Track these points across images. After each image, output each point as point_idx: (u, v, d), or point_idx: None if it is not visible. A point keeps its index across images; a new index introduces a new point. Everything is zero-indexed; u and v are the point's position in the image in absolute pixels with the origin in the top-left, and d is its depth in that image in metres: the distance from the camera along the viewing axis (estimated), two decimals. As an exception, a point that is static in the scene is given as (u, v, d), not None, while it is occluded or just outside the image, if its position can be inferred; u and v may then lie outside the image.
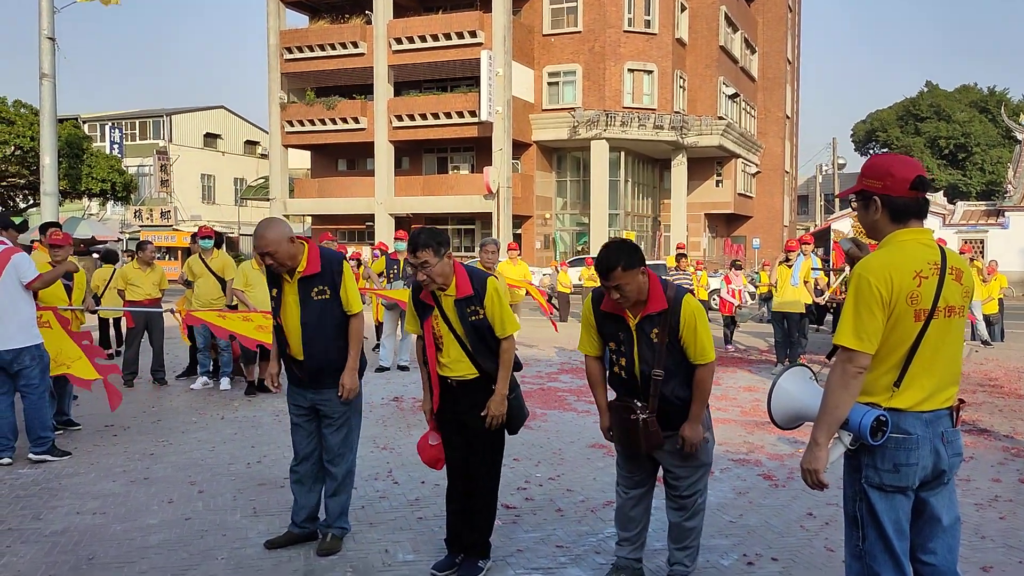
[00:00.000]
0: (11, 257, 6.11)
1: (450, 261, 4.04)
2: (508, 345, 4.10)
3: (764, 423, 7.87)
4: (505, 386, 4.08)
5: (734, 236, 47.04)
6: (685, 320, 3.70)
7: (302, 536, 4.56)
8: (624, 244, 3.72)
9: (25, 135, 30.91)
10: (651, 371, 3.74)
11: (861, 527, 2.86)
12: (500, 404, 4.07)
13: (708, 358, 3.75)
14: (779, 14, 50.97)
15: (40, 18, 15.86)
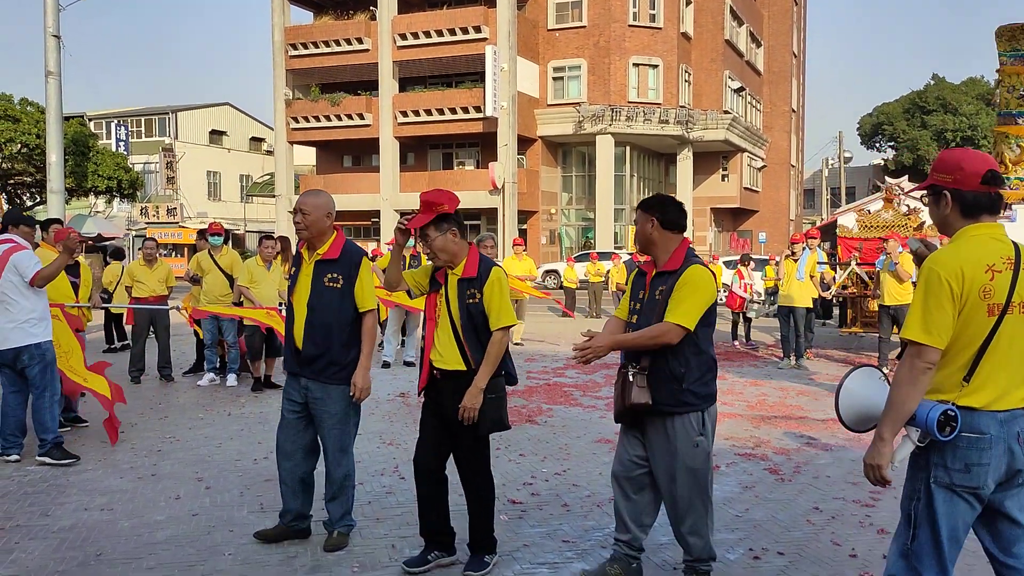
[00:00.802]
0: (11, 256, 6.07)
1: (457, 239, 4.10)
2: (498, 338, 4.03)
3: (770, 417, 7.87)
4: (484, 379, 3.99)
5: (740, 230, 46.96)
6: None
7: (291, 532, 4.54)
8: (655, 199, 3.93)
9: (31, 133, 30.98)
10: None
11: (913, 526, 2.79)
12: (474, 397, 3.97)
13: (673, 319, 3.67)
14: (785, 7, 50.81)
15: (45, 16, 15.89)
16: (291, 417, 4.50)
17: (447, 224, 4.08)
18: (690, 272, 3.72)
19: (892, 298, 10.73)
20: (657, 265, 3.86)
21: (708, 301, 3.72)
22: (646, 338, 3.68)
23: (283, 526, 4.56)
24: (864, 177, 62.97)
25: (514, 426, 7.41)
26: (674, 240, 3.84)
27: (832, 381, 10.10)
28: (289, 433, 4.52)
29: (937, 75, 60.32)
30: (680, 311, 3.64)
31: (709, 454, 3.80)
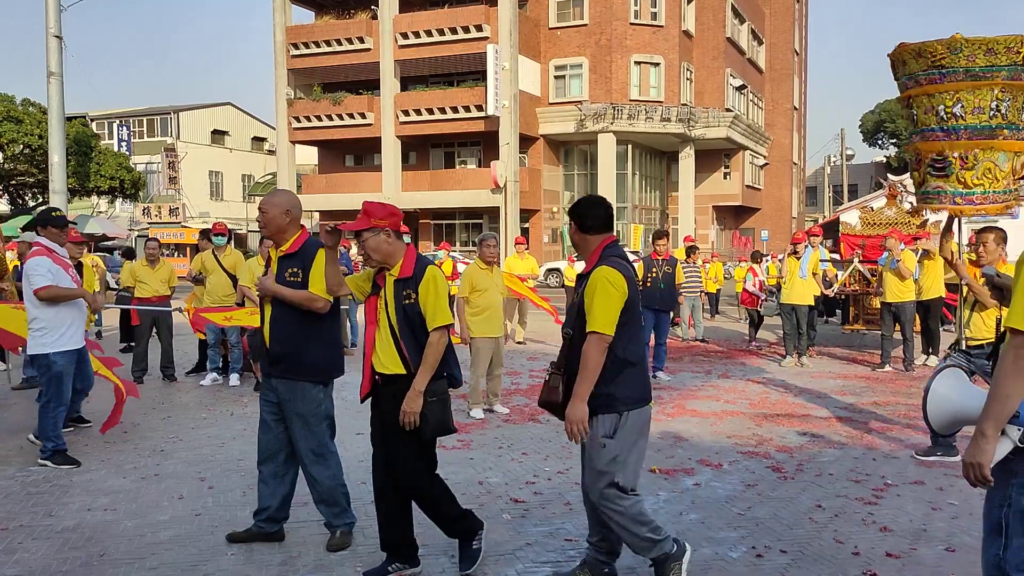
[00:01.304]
0: (26, 261, 6.00)
1: (391, 240, 3.99)
2: (435, 339, 3.91)
3: (773, 415, 7.86)
4: (423, 382, 3.87)
5: (742, 228, 46.94)
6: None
7: (261, 534, 4.50)
8: (580, 202, 3.92)
9: (33, 133, 31.05)
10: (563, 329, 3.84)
11: (1006, 535, 2.54)
12: (412, 400, 3.86)
13: (592, 327, 3.59)
14: (786, 5, 50.77)
15: (47, 16, 15.91)
16: (268, 418, 4.48)
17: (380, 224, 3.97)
18: (595, 275, 3.64)
19: (894, 295, 10.71)
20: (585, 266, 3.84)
21: (619, 301, 3.61)
22: (589, 373, 3.56)
23: (254, 525, 4.52)
24: (866, 174, 62.91)
25: (517, 425, 7.43)
26: (594, 241, 3.80)
27: (834, 379, 10.10)
28: (267, 434, 4.50)
29: (939, 72, 60.16)
30: (596, 320, 3.57)
31: (618, 459, 3.63)
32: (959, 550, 4.41)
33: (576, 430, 3.56)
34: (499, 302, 7.95)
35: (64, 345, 6.01)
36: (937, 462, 6.13)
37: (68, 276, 6.04)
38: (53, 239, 6.12)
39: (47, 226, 6.11)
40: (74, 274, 6.20)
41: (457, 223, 39.86)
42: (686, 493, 5.40)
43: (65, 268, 6.05)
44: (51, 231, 6.10)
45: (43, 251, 6.01)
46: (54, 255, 6.07)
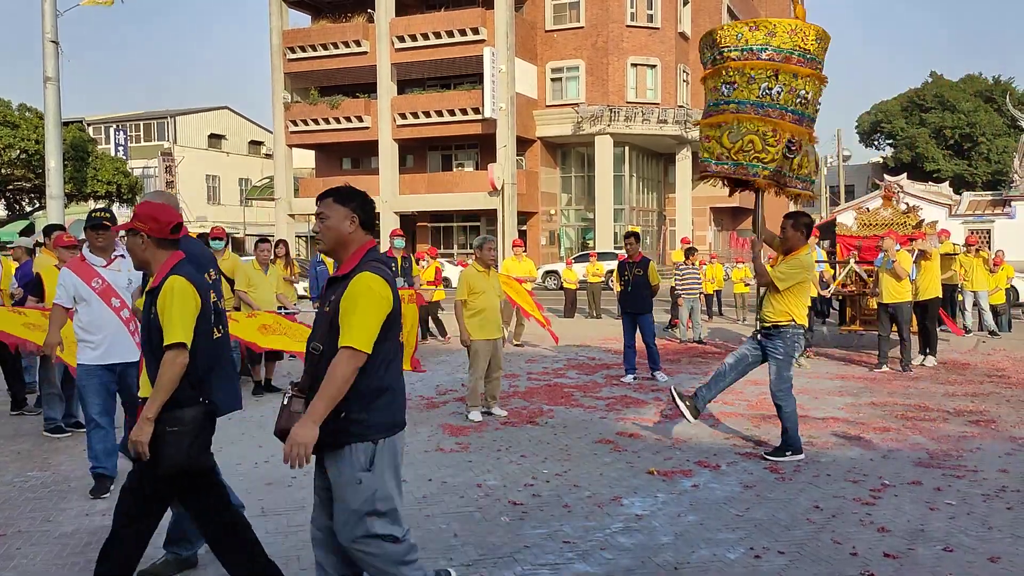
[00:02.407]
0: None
1: (146, 244, 3.66)
2: (169, 358, 3.44)
3: (770, 416, 7.87)
4: (152, 408, 3.42)
5: (740, 230, 46.95)
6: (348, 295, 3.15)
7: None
8: (356, 191, 3.39)
9: (30, 138, 31.02)
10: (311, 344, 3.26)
11: None
12: (139, 429, 3.42)
13: (346, 342, 3.10)
14: (782, 6, 50.81)
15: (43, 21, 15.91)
16: None
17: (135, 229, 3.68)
18: (357, 283, 3.16)
19: (891, 296, 10.73)
20: (337, 269, 3.33)
21: (381, 314, 3.17)
22: (334, 392, 3.07)
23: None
24: (863, 175, 62.97)
25: (515, 427, 7.43)
26: (357, 239, 3.32)
27: (831, 380, 10.10)
28: None
29: (935, 72, 60.32)
30: (353, 334, 3.09)
31: (379, 494, 3.18)
32: (957, 550, 4.42)
33: (297, 454, 3.02)
34: (497, 304, 7.96)
35: (80, 360, 5.50)
36: (934, 463, 6.15)
37: (90, 289, 5.48)
38: (95, 243, 5.61)
39: (86, 228, 5.66)
40: (102, 283, 5.54)
41: (455, 226, 39.87)
42: (684, 495, 5.41)
43: (88, 280, 5.49)
44: (91, 233, 5.61)
45: (75, 264, 5.62)
46: (84, 267, 5.56)
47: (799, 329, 6.35)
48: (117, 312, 5.51)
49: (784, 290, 6.29)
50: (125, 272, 5.59)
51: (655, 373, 10.12)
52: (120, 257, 5.61)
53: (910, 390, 9.35)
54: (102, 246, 5.56)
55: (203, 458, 3.66)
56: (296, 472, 5.84)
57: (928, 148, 56.03)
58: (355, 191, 3.38)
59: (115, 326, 5.48)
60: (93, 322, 5.45)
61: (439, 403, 8.65)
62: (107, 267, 5.58)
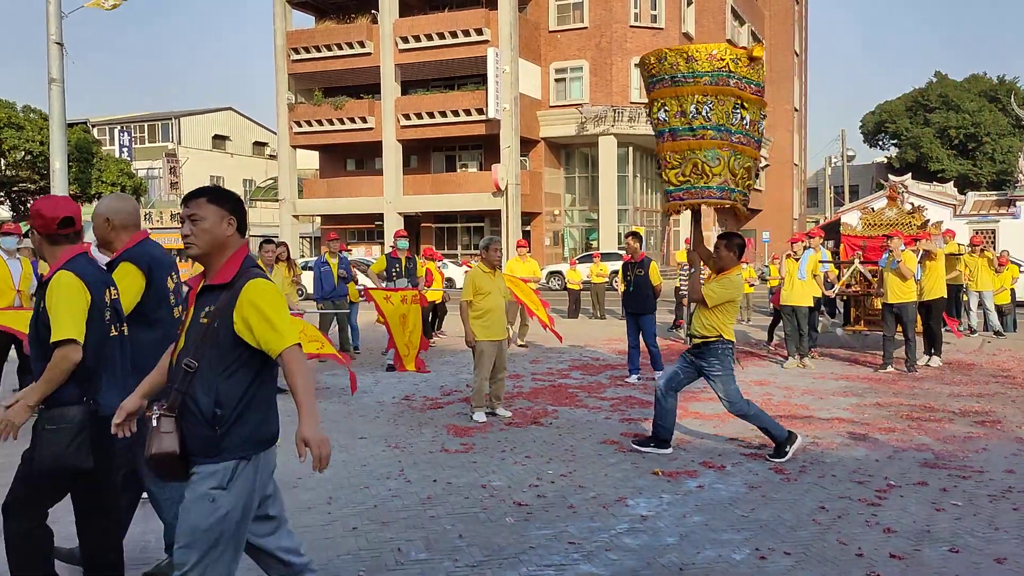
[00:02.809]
0: None
1: (40, 240, 3.59)
2: (57, 357, 3.33)
3: (775, 416, 7.85)
4: (33, 396, 3.30)
5: (744, 230, 46.92)
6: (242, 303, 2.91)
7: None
8: (230, 192, 3.18)
9: (35, 140, 31.11)
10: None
11: None
12: (16, 410, 3.29)
13: (287, 343, 2.90)
14: (786, 6, 50.83)
15: (48, 23, 15.94)
16: None
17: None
18: (257, 288, 2.92)
19: (896, 296, 10.71)
20: (209, 276, 3.07)
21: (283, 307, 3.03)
22: (309, 384, 2.90)
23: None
24: (867, 175, 62.91)
25: (519, 428, 7.43)
26: (237, 244, 3.09)
27: (836, 380, 10.09)
28: None
29: (940, 72, 60.30)
30: (284, 336, 2.91)
31: (230, 517, 2.90)
32: (963, 551, 4.41)
33: (326, 453, 2.83)
34: (502, 305, 7.96)
35: None
36: (940, 463, 6.13)
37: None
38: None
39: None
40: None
41: (459, 226, 39.87)
42: (689, 495, 5.40)
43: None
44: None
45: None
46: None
47: (727, 344, 6.49)
48: None
49: (713, 307, 6.46)
50: None
51: (657, 374, 10.10)
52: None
53: (915, 390, 9.33)
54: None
55: (81, 460, 3.42)
56: (301, 473, 5.88)
57: (933, 148, 55.94)
58: (229, 192, 3.16)
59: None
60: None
61: (443, 404, 8.65)
62: None
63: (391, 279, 11.28)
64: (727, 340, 6.45)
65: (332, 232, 13.86)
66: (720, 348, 6.44)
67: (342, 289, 12.14)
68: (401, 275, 11.27)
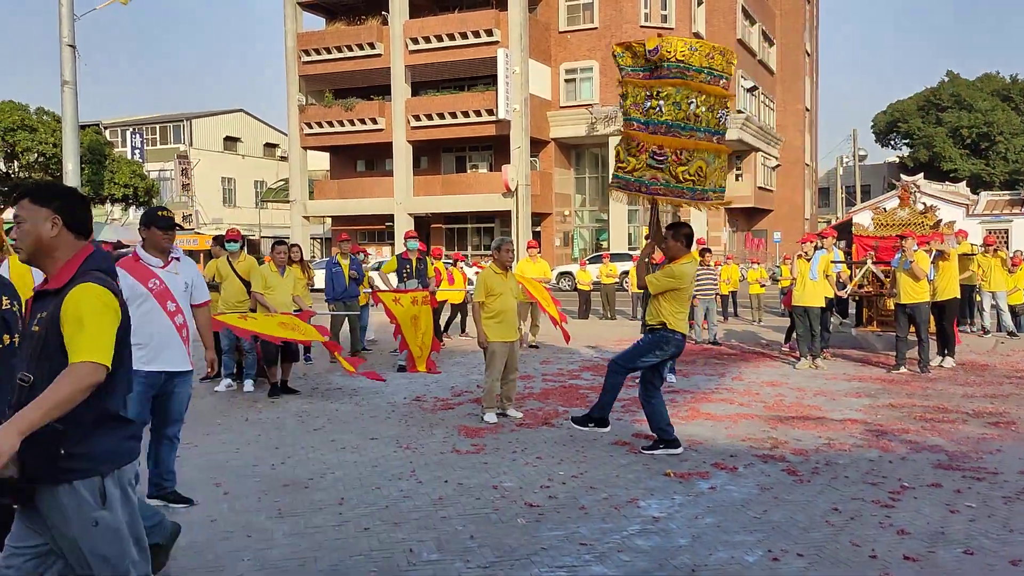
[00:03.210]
0: None
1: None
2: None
3: (788, 418, 7.83)
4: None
5: (755, 230, 46.79)
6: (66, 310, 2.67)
7: None
8: (60, 188, 2.92)
9: (48, 142, 31.29)
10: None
11: None
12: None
13: (84, 356, 2.59)
14: (797, 6, 50.64)
15: (60, 26, 16.03)
16: None
17: None
18: (78, 295, 2.67)
19: (908, 296, 10.65)
20: (47, 281, 2.82)
21: (113, 326, 2.72)
22: (54, 403, 2.50)
23: None
24: (879, 175, 62.65)
25: (531, 429, 7.43)
26: (71, 245, 2.82)
27: (849, 381, 10.04)
28: None
29: (952, 71, 60.00)
30: (88, 346, 2.61)
31: (119, 532, 2.75)
32: (978, 553, 4.38)
33: None
34: (514, 306, 7.96)
35: (140, 365, 4.82)
36: (954, 465, 6.10)
37: (146, 289, 5.06)
38: (154, 240, 5.21)
39: (150, 227, 5.20)
40: (159, 285, 5.14)
41: (469, 227, 39.90)
42: (701, 497, 5.39)
43: (145, 280, 5.08)
44: (151, 232, 5.19)
45: (128, 264, 5.15)
46: (139, 267, 5.16)
47: (671, 334, 6.54)
48: (171, 316, 5.15)
49: (657, 295, 6.58)
50: (183, 276, 5.32)
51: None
52: (176, 260, 5.32)
53: (928, 391, 9.28)
54: (166, 247, 5.25)
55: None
56: (313, 473, 5.89)
57: (945, 147, 55.68)
58: (58, 188, 2.90)
59: (166, 330, 5.12)
60: (141, 325, 4.78)
61: (454, 404, 8.66)
62: (164, 268, 5.23)
63: (402, 280, 11.29)
64: (671, 329, 6.53)
65: (344, 233, 13.89)
66: (660, 335, 6.55)
67: (353, 290, 12.16)
68: (412, 276, 11.27)
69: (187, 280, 5.32)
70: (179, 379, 5.22)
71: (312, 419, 7.97)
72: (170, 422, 5.28)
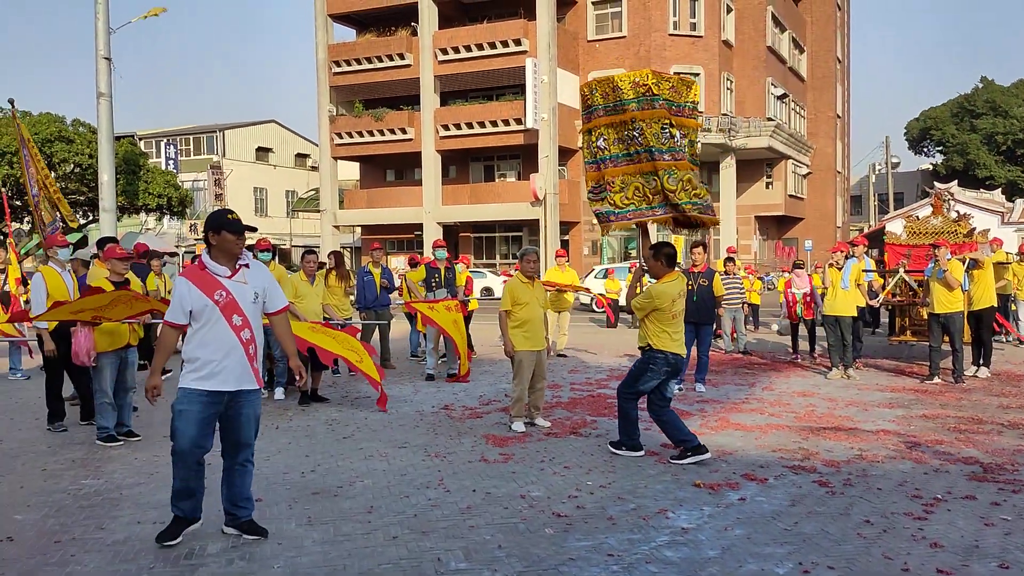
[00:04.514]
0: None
1: None
2: None
3: (819, 428, 7.75)
4: None
5: (785, 238, 46.40)
6: None
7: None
8: None
9: (84, 153, 31.79)
10: None
11: None
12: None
13: None
14: (827, 12, 50.26)
15: (96, 39, 16.31)
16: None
17: None
18: None
19: (942, 306, 10.51)
20: None
21: None
22: None
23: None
24: (912, 183, 61.90)
25: (558, 438, 7.42)
26: None
27: (882, 392, 9.92)
28: None
29: (986, 78, 59.14)
30: None
31: None
32: (1013, 567, 4.30)
33: None
34: (541, 315, 7.97)
35: (186, 382, 4.71)
36: (989, 477, 6.00)
37: (211, 302, 4.67)
38: (224, 246, 4.74)
39: (221, 231, 4.73)
40: (226, 296, 4.71)
41: (497, 236, 39.97)
42: (731, 508, 5.35)
43: (211, 291, 4.68)
44: (221, 236, 4.73)
45: (193, 273, 4.77)
46: (206, 276, 4.73)
47: (656, 354, 6.65)
48: (237, 332, 4.71)
49: (642, 318, 6.74)
50: (252, 286, 4.81)
51: (697, 384, 10.05)
52: (245, 267, 4.83)
53: (963, 402, 9.15)
54: (237, 253, 4.79)
55: None
56: (343, 482, 5.92)
57: (980, 154, 54.93)
58: None
59: (233, 347, 4.70)
60: (206, 341, 4.67)
61: (482, 413, 8.67)
62: (231, 278, 4.76)
63: (431, 289, 11.33)
64: (656, 349, 6.64)
65: (375, 242, 13.95)
66: (647, 355, 6.70)
67: (384, 299, 12.22)
68: (441, 285, 11.31)
69: (257, 289, 4.84)
70: (245, 398, 4.79)
71: (342, 427, 8.02)
72: (239, 446, 4.89)
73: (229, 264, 4.77)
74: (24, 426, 8.31)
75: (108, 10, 16.79)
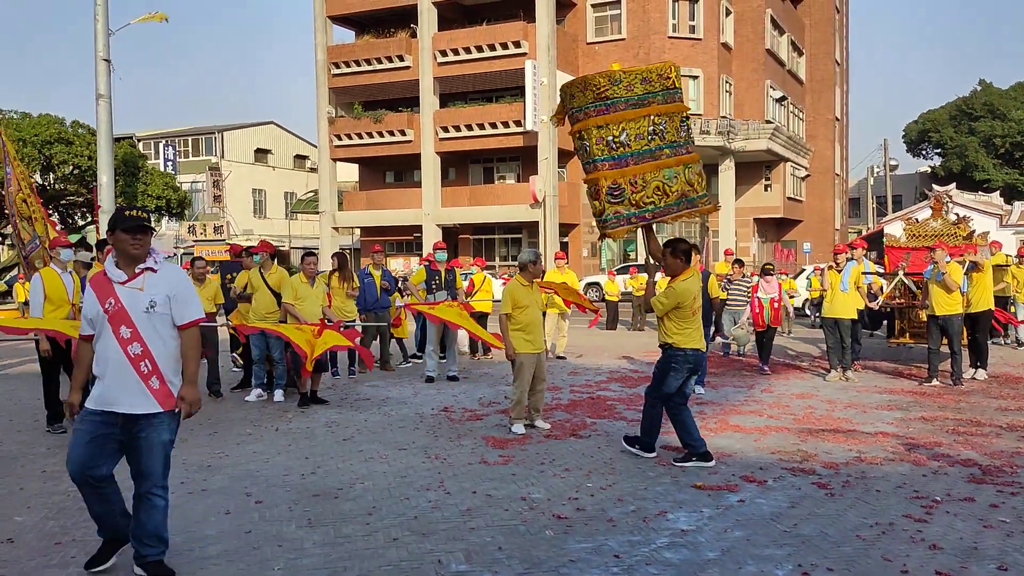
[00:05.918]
0: None
1: None
2: None
3: (818, 430, 7.77)
4: None
5: (784, 241, 46.40)
6: None
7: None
8: None
9: (83, 155, 31.82)
10: None
11: None
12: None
13: None
14: (826, 15, 50.30)
15: (96, 40, 16.33)
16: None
17: None
18: None
19: (941, 308, 10.53)
20: None
21: None
22: None
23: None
24: (911, 185, 61.99)
25: (558, 440, 7.43)
26: None
27: (880, 394, 9.94)
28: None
29: (984, 80, 59.23)
30: None
31: None
32: (1012, 569, 4.32)
33: None
34: (540, 318, 7.99)
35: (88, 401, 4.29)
36: (988, 479, 6.02)
37: (103, 311, 4.20)
38: (123, 249, 4.22)
39: (115, 230, 4.19)
40: (115, 305, 4.18)
41: (496, 238, 39.97)
42: (730, 510, 5.36)
43: (103, 300, 4.23)
44: (120, 238, 4.20)
45: (96, 280, 4.32)
46: (104, 283, 4.26)
47: (677, 351, 6.66)
48: (124, 346, 4.14)
49: (662, 315, 6.71)
50: (148, 293, 4.19)
51: (696, 386, 10.07)
52: (150, 271, 4.24)
53: (961, 404, 9.17)
54: (136, 255, 4.21)
55: None
56: (343, 483, 5.93)
57: (978, 157, 55.00)
58: None
59: (119, 364, 4.14)
60: (98, 355, 4.21)
61: (482, 415, 8.68)
62: (125, 284, 4.20)
63: (431, 291, 11.34)
64: (677, 347, 6.65)
65: (376, 244, 13.95)
66: (668, 353, 6.71)
67: (384, 301, 12.23)
68: (441, 287, 11.32)
69: (156, 297, 4.19)
70: (143, 422, 4.21)
71: (342, 429, 8.02)
72: (140, 476, 4.35)
73: (128, 268, 4.22)
74: (23, 428, 8.32)
75: (108, 12, 16.81)
